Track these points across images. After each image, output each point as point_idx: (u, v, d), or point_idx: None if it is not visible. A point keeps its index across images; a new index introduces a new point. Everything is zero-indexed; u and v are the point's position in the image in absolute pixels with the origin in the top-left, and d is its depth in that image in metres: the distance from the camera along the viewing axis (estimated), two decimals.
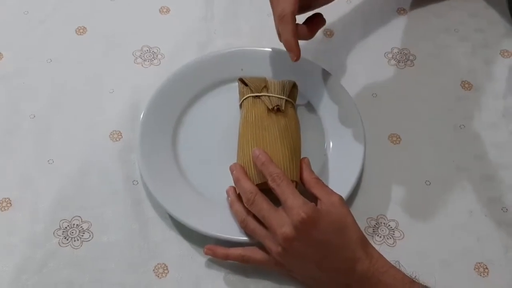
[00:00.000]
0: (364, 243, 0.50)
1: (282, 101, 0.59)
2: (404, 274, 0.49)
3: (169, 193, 0.56)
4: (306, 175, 0.55)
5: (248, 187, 0.53)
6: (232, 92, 0.63)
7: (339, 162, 0.59)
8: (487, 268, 0.55)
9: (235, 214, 0.54)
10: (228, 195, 0.56)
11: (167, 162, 0.59)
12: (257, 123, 0.57)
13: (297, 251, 0.49)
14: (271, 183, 0.52)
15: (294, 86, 0.62)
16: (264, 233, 0.52)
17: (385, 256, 0.51)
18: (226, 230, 0.54)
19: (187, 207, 0.56)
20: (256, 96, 0.59)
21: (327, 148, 0.60)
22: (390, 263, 0.50)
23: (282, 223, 0.49)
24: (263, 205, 0.51)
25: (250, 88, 0.60)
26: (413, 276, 0.50)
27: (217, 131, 0.62)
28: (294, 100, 0.61)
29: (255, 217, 0.53)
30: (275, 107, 0.58)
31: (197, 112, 0.63)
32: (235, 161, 0.57)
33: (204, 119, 0.63)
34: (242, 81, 0.62)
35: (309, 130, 0.61)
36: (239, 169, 0.55)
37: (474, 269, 0.55)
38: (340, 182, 0.57)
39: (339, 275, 0.50)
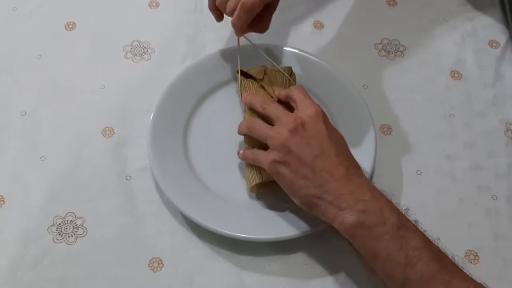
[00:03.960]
0: (362, 171, 0.51)
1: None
2: (398, 208, 0.49)
3: (184, 195, 0.56)
4: None
5: (266, 97, 0.56)
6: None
7: None
8: (477, 255, 0.56)
9: (243, 124, 0.56)
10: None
11: (177, 158, 0.59)
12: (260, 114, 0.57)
13: (302, 139, 0.50)
14: (285, 95, 0.55)
15: (291, 73, 0.61)
16: (269, 127, 0.53)
17: None
18: (239, 229, 0.54)
19: (196, 203, 0.56)
20: (260, 86, 0.59)
21: None
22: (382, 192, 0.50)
23: (296, 115, 0.52)
24: (279, 107, 0.54)
25: (252, 77, 0.60)
26: (404, 209, 0.50)
27: (227, 128, 0.61)
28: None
29: None
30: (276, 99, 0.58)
31: (208, 109, 0.63)
32: None
33: (215, 115, 0.62)
34: (242, 73, 0.61)
35: None
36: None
37: (465, 257, 0.56)
38: None
39: (333, 179, 0.48)
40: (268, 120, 0.54)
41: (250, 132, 0.54)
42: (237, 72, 0.62)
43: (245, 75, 0.62)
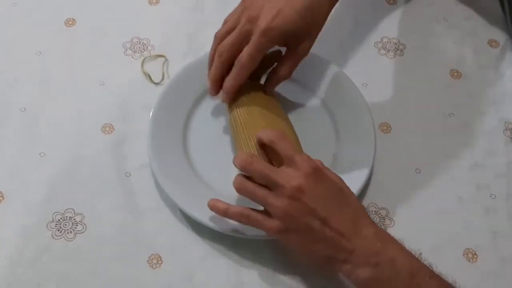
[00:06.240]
0: (367, 213, 0.50)
1: None
2: (411, 253, 0.48)
3: (184, 192, 0.56)
4: None
5: (244, 153, 0.52)
6: None
7: (348, 162, 0.59)
8: (475, 253, 0.56)
9: (233, 184, 0.51)
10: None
11: (177, 155, 0.59)
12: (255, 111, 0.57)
13: (305, 206, 0.47)
14: (271, 144, 0.50)
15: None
16: (266, 192, 0.49)
17: None
18: (238, 226, 0.54)
19: (194, 199, 0.56)
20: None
21: (336, 145, 0.60)
22: (392, 236, 0.49)
23: (291, 177, 0.48)
24: (264, 164, 0.50)
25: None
26: (418, 254, 0.49)
27: (226, 126, 0.61)
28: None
29: None
30: None
31: (208, 106, 0.63)
32: None
33: (214, 112, 0.62)
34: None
35: (318, 125, 0.62)
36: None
37: (463, 255, 0.56)
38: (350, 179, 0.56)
39: (344, 238, 0.47)
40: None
41: (242, 193, 0.51)
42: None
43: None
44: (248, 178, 0.51)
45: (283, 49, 0.59)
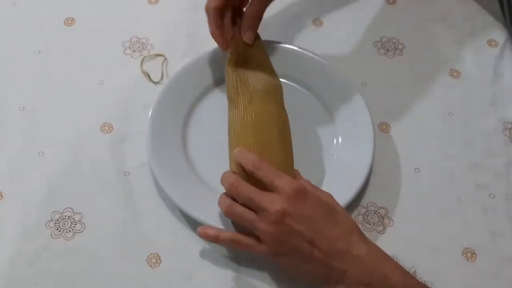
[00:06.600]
0: (359, 230, 0.50)
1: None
2: (405, 270, 0.48)
3: (183, 191, 0.56)
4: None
5: (231, 175, 0.52)
6: None
7: (347, 162, 0.58)
8: (474, 253, 0.56)
9: (219, 204, 0.52)
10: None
11: (176, 155, 0.59)
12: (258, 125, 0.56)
13: (291, 228, 0.48)
14: (251, 173, 0.51)
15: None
16: (253, 216, 0.49)
17: (374, 243, 0.51)
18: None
19: (194, 198, 0.56)
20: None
21: (336, 145, 0.60)
22: (386, 254, 0.49)
23: (273, 201, 0.48)
24: (249, 188, 0.50)
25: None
26: (413, 271, 0.49)
27: (226, 125, 0.60)
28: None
29: None
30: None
31: (208, 105, 0.63)
32: None
33: (214, 111, 0.62)
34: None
35: (318, 125, 0.62)
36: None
37: (462, 254, 0.56)
38: (347, 182, 0.57)
39: (334, 258, 0.47)
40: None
41: (229, 217, 0.52)
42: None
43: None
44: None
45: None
